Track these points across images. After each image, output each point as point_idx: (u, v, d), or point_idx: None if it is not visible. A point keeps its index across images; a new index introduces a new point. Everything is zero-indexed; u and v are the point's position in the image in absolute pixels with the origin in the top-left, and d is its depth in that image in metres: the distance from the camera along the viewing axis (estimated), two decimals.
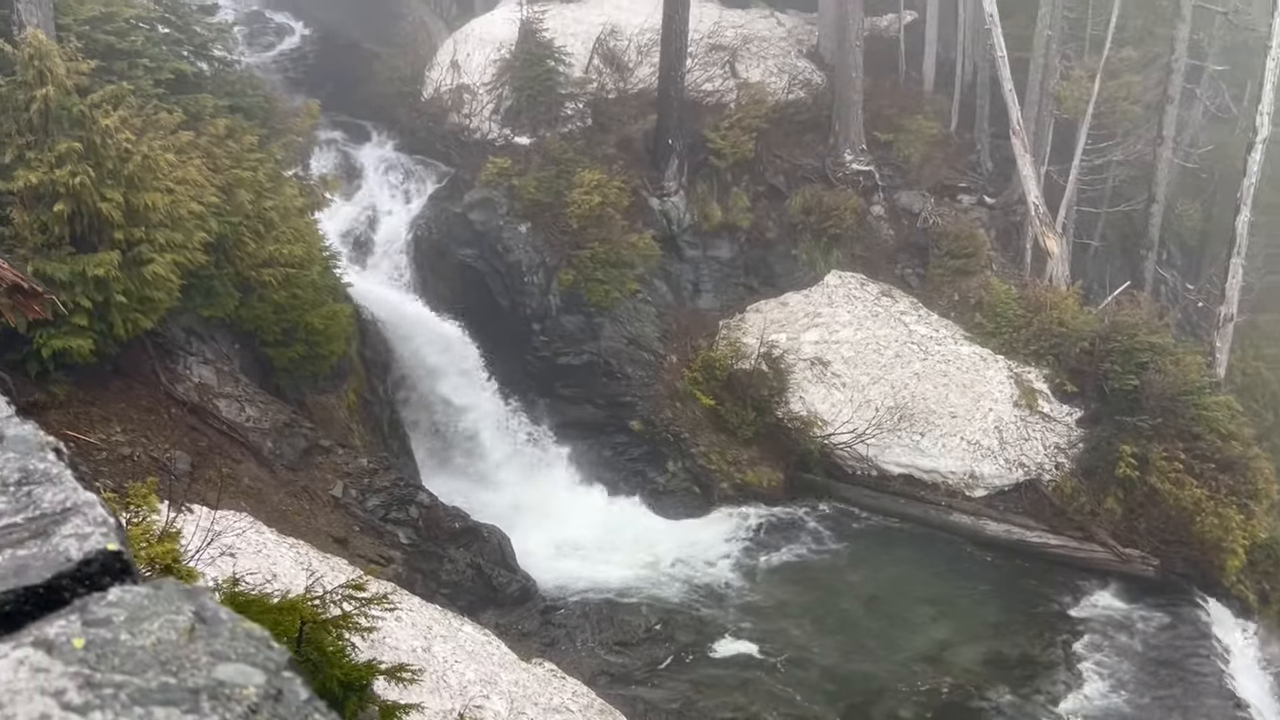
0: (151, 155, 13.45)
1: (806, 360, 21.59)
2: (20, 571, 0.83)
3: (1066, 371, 21.38)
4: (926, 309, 22.96)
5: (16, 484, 0.92)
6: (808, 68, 25.91)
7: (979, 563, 19.05)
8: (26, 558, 0.85)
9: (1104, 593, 18.06)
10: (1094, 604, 17.75)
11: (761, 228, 23.72)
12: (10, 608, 0.81)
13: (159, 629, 0.74)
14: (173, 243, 13.66)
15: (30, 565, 0.84)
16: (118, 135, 13.09)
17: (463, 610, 14.05)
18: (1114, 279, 25.28)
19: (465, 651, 11.86)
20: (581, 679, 13.16)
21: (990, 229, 24.45)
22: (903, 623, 16.96)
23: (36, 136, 12.93)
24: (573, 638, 15.46)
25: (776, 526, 19.61)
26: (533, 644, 14.70)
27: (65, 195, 12.76)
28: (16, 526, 0.87)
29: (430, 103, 24.17)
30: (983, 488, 20.15)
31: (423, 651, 11.31)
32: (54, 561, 0.85)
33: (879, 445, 20.42)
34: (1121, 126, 24.00)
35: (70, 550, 0.86)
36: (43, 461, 0.96)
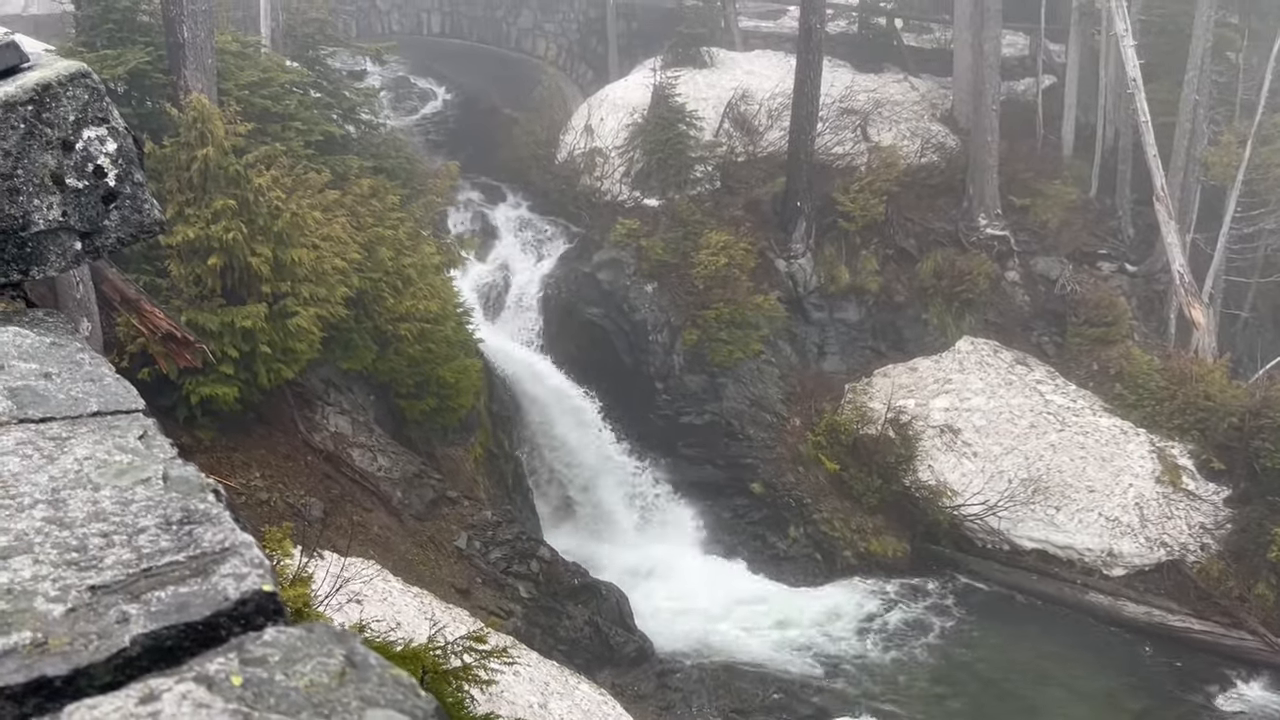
0: (300, 213, 14.13)
1: (936, 428, 21.07)
2: (182, 608, 0.87)
3: (1213, 448, 20.32)
4: (1063, 378, 22.21)
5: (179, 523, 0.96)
6: (941, 131, 25.65)
7: (1115, 646, 18.09)
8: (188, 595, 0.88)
9: (1254, 684, 16.91)
10: (1242, 695, 16.63)
11: (890, 291, 23.41)
12: (171, 643, 0.85)
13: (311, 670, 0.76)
14: (316, 296, 14.27)
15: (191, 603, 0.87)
16: (270, 193, 13.81)
17: (579, 668, 14.02)
18: (1266, 352, 24.01)
19: (581, 710, 11.82)
20: None
21: (1131, 297, 23.60)
22: (1032, 707, 16.21)
23: (195, 194, 13.74)
24: (689, 702, 15.24)
25: (901, 599, 19.05)
26: (649, 706, 14.54)
27: (219, 250, 13.49)
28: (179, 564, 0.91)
29: (563, 165, 24.79)
30: (1121, 566, 19.20)
31: (539, 708, 11.32)
32: (213, 600, 0.88)
33: (1011, 518, 19.71)
34: (1275, 194, 22.94)
35: (229, 589, 0.89)
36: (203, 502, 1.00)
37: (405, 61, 28.28)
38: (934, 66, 27.60)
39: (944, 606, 18.83)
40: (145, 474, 1.07)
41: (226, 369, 13.55)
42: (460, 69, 29.16)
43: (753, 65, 26.75)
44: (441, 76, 29.01)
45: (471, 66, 29.02)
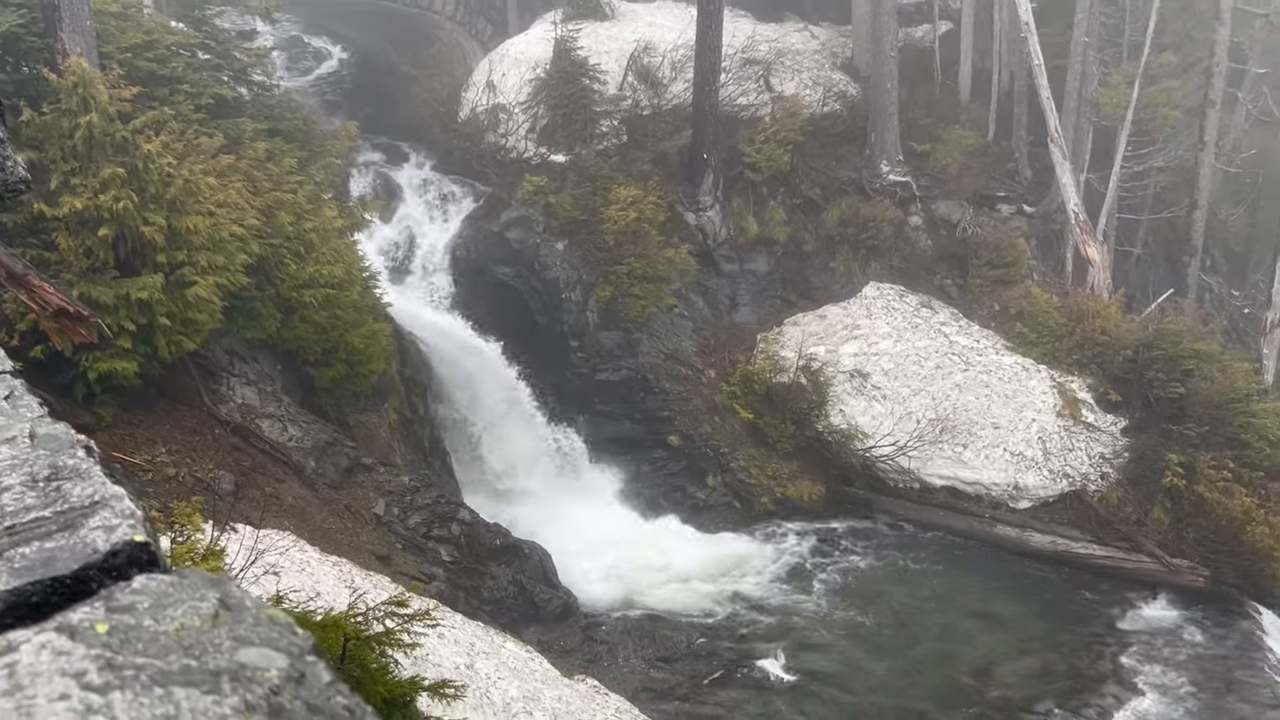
0: (193, 179, 13.67)
1: (846, 373, 21.45)
2: (47, 563, 0.83)
3: (1110, 381, 21.08)
4: (967, 320, 22.76)
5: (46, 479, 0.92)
6: (842, 80, 25.85)
7: (1024, 575, 18.79)
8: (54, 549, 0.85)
9: (1153, 604, 17.74)
10: (1143, 616, 17.44)
11: (798, 241, 23.65)
12: (38, 598, 0.82)
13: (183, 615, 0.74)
14: (214, 265, 13.86)
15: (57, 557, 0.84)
16: (160, 160, 13.32)
17: (505, 627, 14.06)
18: (1157, 286, 24.92)
19: (508, 668, 11.86)
20: (624, 695, 13.11)
21: (1030, 238, 24.21)
22: (948, 637, 16.75)
23: (81, 163, 13.18)
24: (615, 654, 15.41)
25: (818, 540, 19.47)
26: (575, 660, 14.67)
27: (109, 220, 12.99)
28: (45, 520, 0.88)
29: (466, 123, 24.38)
30: (1027, 499, 19.89)
31: (466, 668, 11.32)
32: (81, 553, 0.86)
33: (921, 458, 20.23)
34: (1162, 132, 23.69)
35: (98, 542, 0.86)
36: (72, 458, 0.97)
37: (297, 20, 27.42)
38: (833, 15, 27.75)
39: (859, 546, 19.29)
40: (10, 433, 1.03)
41: (124, 343, 13.12)
42: (355, 26, 28.39)
43: (654, 17, 26.57)
44: (336, 35, 28.21)
45: (366, 24, 28.28)
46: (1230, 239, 27.42)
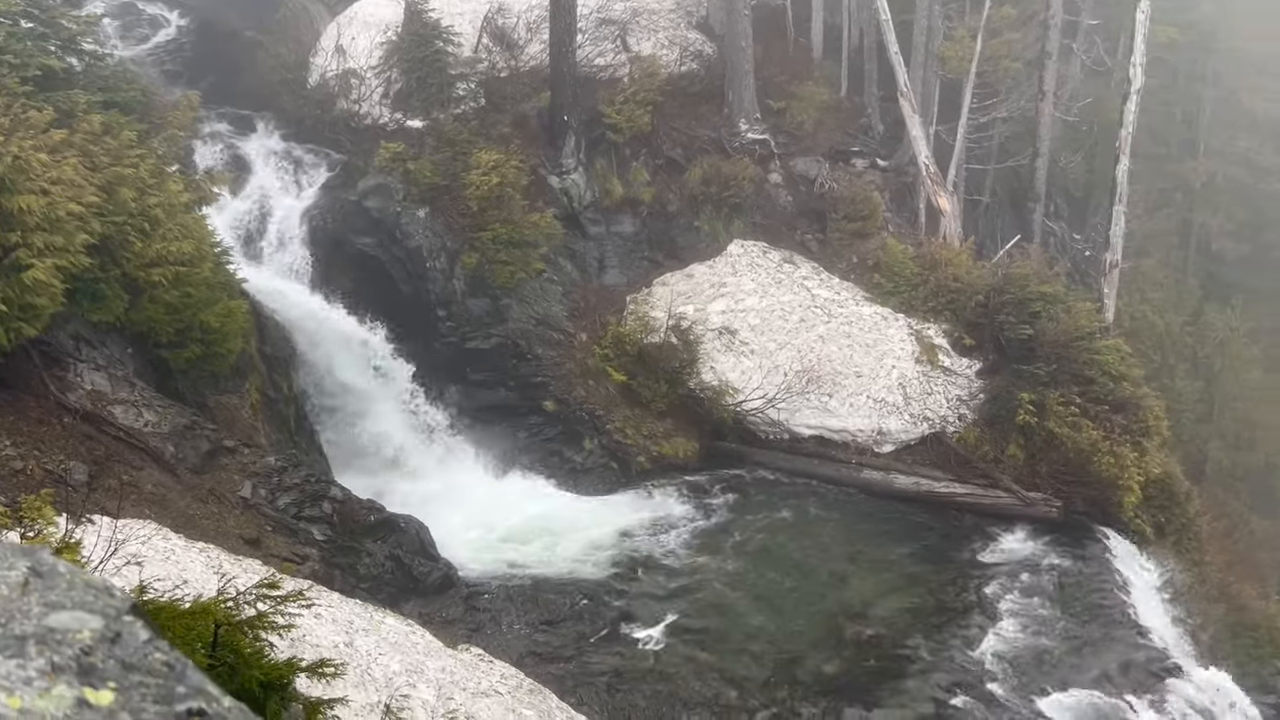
0: (23, 156, 12.88)
1: (715, 330, 21.75)
2: None
3: (964, 325, 21.93)
4: (828, 273, 23.31)
5: None
6: (698, 39, 25.98)
7: (891, 517, 19.49)
8: None
9: (1011, 536, 18.64)
10: (1002, 548, 18.32)
11: (663, 201, 23.78)
12: None
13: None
14: (52, 246, 13.12)
15: None
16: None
17: (384, 603, 13.88)
18: (1005, 233, 26.01)
19: (389, 643, 11.72)
20: (510, 660, 13.13)
21: (885, 191, 24.91)
22: (823, 580, 17.29)
23: None
24: (498, 621, 15.40)
25: (695, 495, 19.78)
26: (458, 630, 14.60)
27: None
28: None
29: (317, 90, 23.61)
30: (891, 443, 20.60)
31: (345, 647, 11.14)
32: None
33: (790, 409, 20.71)
34: (1004, 84, 24.62)
35: None
36: None
37: None
38: None
39: (735, 498, 19.69)
40: None
41: None
42: None
43: None
44: (172, 0, 26.85)
45: None
46: (1071, 185, 28.79)
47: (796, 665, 14.51)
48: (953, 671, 14.43)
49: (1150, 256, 34.35)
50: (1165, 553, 19.25)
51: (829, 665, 14.55)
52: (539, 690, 12.09)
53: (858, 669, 14.52)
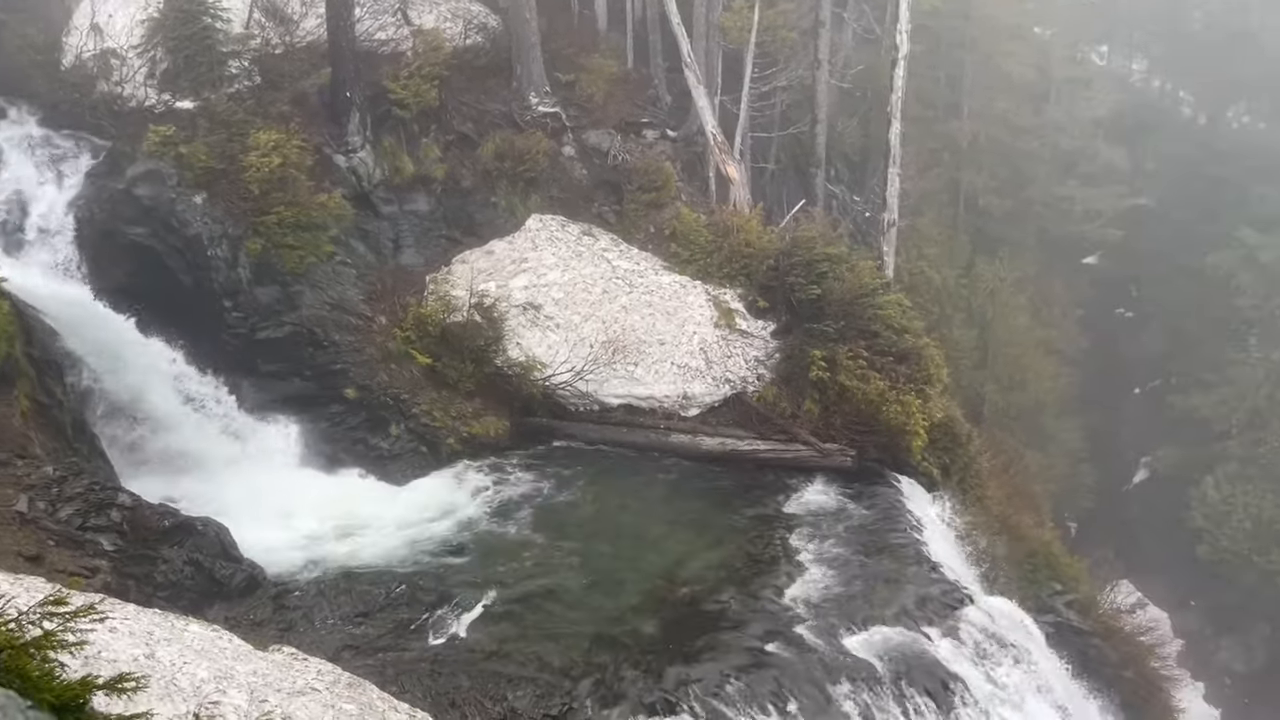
0: None
1: (518, 306, 21.70)
2: None
3: (758, 289, 22.71)
4: (626, 244, 23.63)
5: None
6: (482, 11, 25.66)
7: (701, 477, 20.05)
8: None
9: (812, 487, 19.53)
10: (804, 499, 19.17)
11: (456, 177, 23.45)
12: None
13: None
14: None
15: None
16: None
17: (186, 610, 13.21)
18: (790, 198, 27.04)
19: (194, 651, 11.18)
20: (325, 656, 12.76)
21: (676, 161, 25.41)
22: (638, 545, 17.61)
23: None
24: (310, 618, 14.93)
25: (508, 473, 19.75)
26: (268, 631, 14.08)
27: None
28: None
29: (73, 71, 21.97)
30: (696, 406, 21.16)
31: (146, 659, 10.55)
32: None
33: (597, 380, 20.93)
34: (783, 53, 25.51)
35: None
36: None
37: None
38: None
39: (549, 472, 19.77)
40: None
41: None
42: None
43: None
44: None
45: None
46: (849, 150, 30.17)
47: (617, 630, 14.76)
48: (765, 620, 15.02)
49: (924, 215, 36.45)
50: (951, 491, 20.63)
51: (648, 627, 14.87)
52: (358, 683, 11.82)
53: (676, 628, 14.89)
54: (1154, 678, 22.97)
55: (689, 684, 13.25)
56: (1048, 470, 38.69)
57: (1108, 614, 23.47)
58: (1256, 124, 57.41)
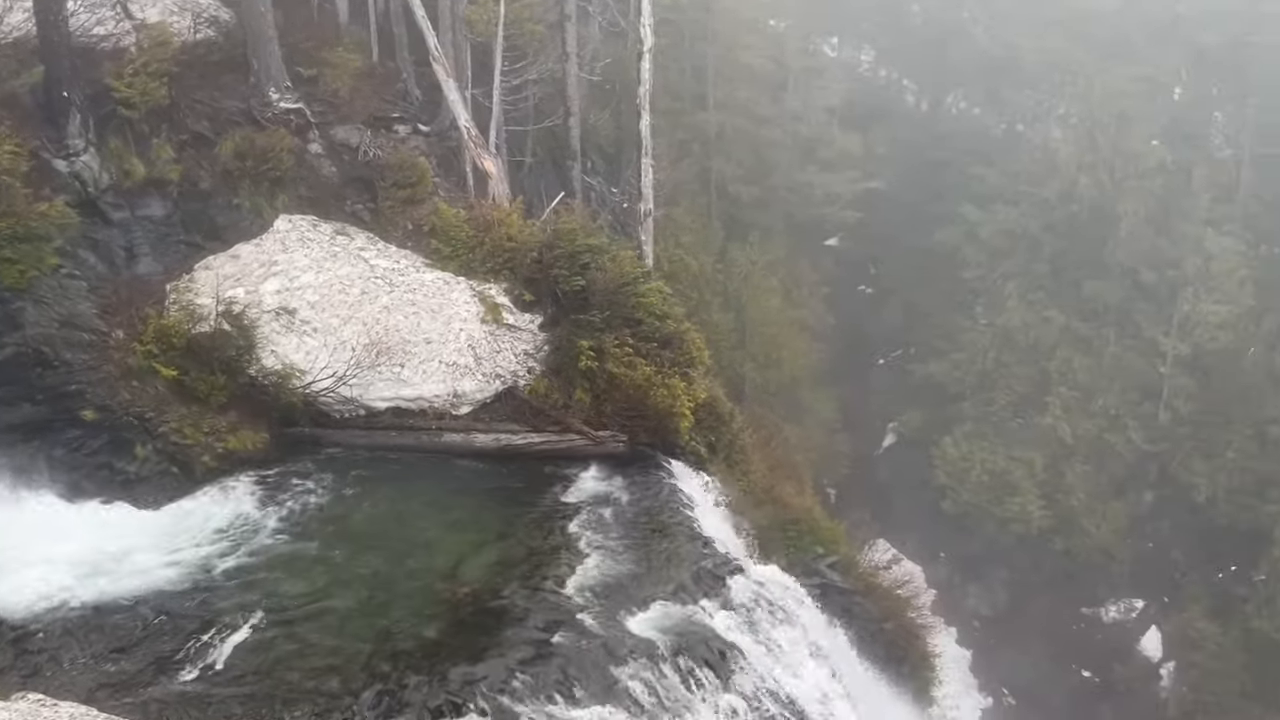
0: None
1: (271, 311, 20.78)
2: None
3: (523, 282, 22.73)
4: (384, 242, 23.07)
5: None
6: (212, 4, 24.32)
7: (477, 475, 19.89)
8: None
9: (588, 475, 19.79)
10: (581, 487, 19.40)
11: (194, 179, 22.16)
12: None
13: None
14: None
15: None
16: None
17: None
18: (549, 191, 27.21)
19: None
20: (78, 699, 11.85)
21: (431, 156, 25.03)
22: (415, 550, 17.29)
23: None
24: (58, 659, 13.80)
25: (271, 487, 18.88)
26: (10, 679, 12.92)
27: None
28: None
29: None
30: (468, 404, 20.95)
31: None
32: None
33: (362, 384, 20.34)
34: (531, 46, 25.60)
35: None
36: None
37: None
38: None
39: (317, 483, 19.06)
40: None
41: None
42: None
43: None
44: None
45: None
46: (603, 142, 30.68)
47: (397, 637, 14.45)
48: (548, 611, 15.10)
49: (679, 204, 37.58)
50: (718, 468, 21.43)
51: (429, 630, 14.65)
52: None
53: (458, 628, 14.74)
54: (912, 627, 24.77)
55: (475, 683, 13.15)
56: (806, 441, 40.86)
57: (867, 572, 25.10)
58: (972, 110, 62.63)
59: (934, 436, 47.88)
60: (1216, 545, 44.95)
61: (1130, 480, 46.69)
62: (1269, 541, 42.11)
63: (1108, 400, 46.06)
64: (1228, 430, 44.86)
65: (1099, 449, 45.98)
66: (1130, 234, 46.06)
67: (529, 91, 26.72)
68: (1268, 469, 43.60)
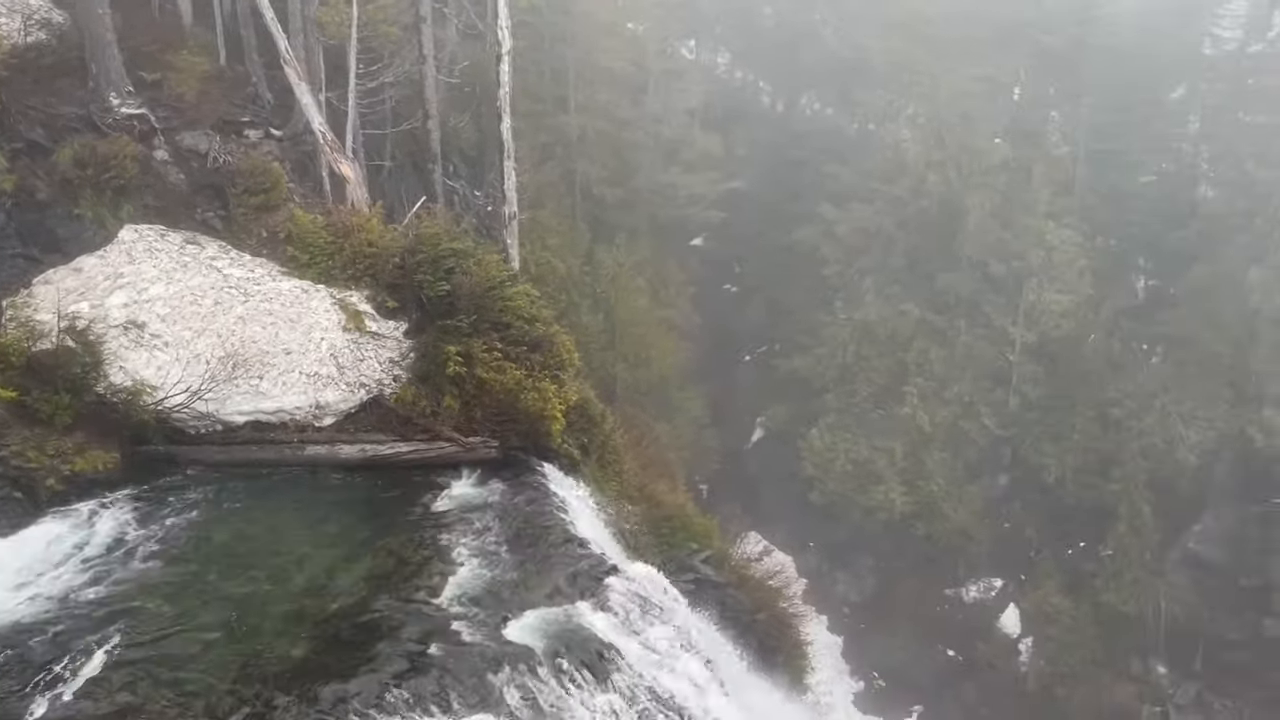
0: None
1: (118, 326, 19.89)
2: None
3: (385, 289, 22.33)
4: (237, 251, 22.34)
5: None
6: (43, 5, 23.15)
7: (344, 488, 19.45)
8: None
9: (459, 482, 19.58)
10: (452, 495, 19.17)
11: (30, 189, 21.05)
12: None
13: None
14: None
15: None
16: None
17: None
18: (410, 195, 26.80)
19: None
20: None
21: (285, 161, 24.37)
22: (280, 568, 16.79)
23: None
24: None
25: (124, 508, 18.04)
26: None
27: None
28: None
29: None
30: (331, 415, 20.46)
31: None
32: None
33: (219, 398, 19.65)
34: (387, 49, 25.17)
35: None
36: None
37: None
38: None
39: (170, 503, 18.32)
40: None
41: None
42: None
43: None
44: None
45: None
46: (464, 145, 30.37)
47: (264, 658, 14.00)
48: (421, 623, 14.88)
49: (544, 207, 37.52)
50: (591, 469, 21.47)
51: (297, 650, 14.24)
52: None
53: (329, 645, 14.38)
54: (784, 617, 25.33)
55: (347, 700, 12.86)
56: (677, 439, 41.33)
57: (740, 565, 25.56)
58: (825, 110, 64.34)
59: (800, 429, 49.04)
60: (1066, 523, 47.36)
61: (985, 464, 48.76)
62: (1114, 518, 44.58)
63: (962, 388, 47.98)
64: (1072, 413, 47.31)
65: (955, 436, 47.87)
66: (977, 228, 48.06)
67: (386, 94, 26.26)
68: (1109, 449, 46.16)
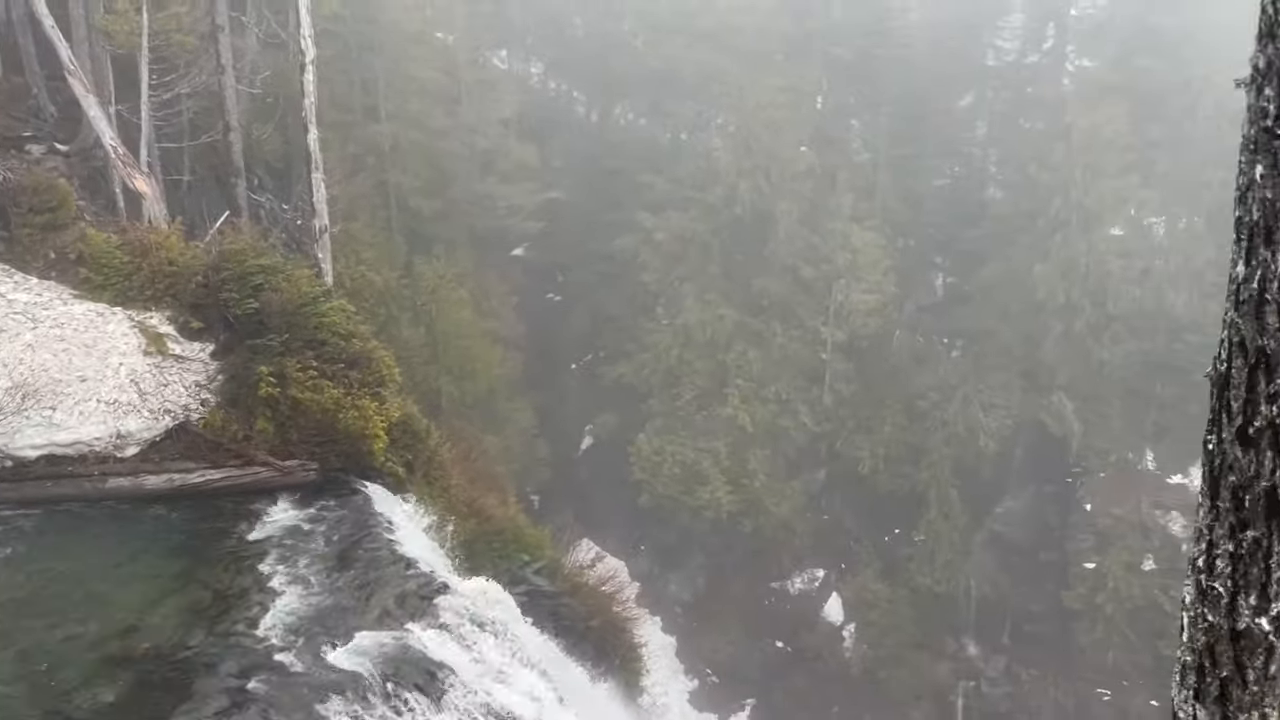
0: None
1: None
2: None
3: (189, 309, 21.26)
4: (22, 274, 20.83)
5: None
6: None
7: (151, 521, 18.40)
8: None
9: (276, 508, 18.81)
10: (270, 521, 18.41)
11: None
12: None
13: None
14: None
15: None
16: None
17: None
18: (212, 210, 25.61)
19: None
20: None
21: (73, 177, 22.89)
22: (82, 611, 15.73)
23: None
24: None
25: None
26: None
27: None
28: None
29: None
30: (134, 444, 19.33)
31: None
32: None
33: (7, 432, 18.29)
34: (182, 58, 23.99)
35: None
36: None
37: None
38: None
39: None
40: None
41: None
42: None
43: None
44: None
45: None
46: (270, 157, 29.23)
47: (68, 707, 13.10)
48: (242, 657, 14.25)
49: (357, 219, 36.52)
50: (418, 487, 21.02)
51: (107, 694, 13.39)
52: None
53: (142, 688, 13.58)
54: (618, 621, 25.47)
55: None
56: (506, 450, 40.98)
57: (572, 573, 25.55)
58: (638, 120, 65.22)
59: (629, 435, 49.49)
60: (881, 512, 49.53)
61: (804, 460, 50.47)
62: (925, 504, 46.93)
63: (779, 387, 49.50)
64: (882, 407, 49.54)
65: (774, 433, 49.34)
66: (788, 233, 49.74)
67: (183, 106, 25.01)
68: (917, 439, 48.56)
